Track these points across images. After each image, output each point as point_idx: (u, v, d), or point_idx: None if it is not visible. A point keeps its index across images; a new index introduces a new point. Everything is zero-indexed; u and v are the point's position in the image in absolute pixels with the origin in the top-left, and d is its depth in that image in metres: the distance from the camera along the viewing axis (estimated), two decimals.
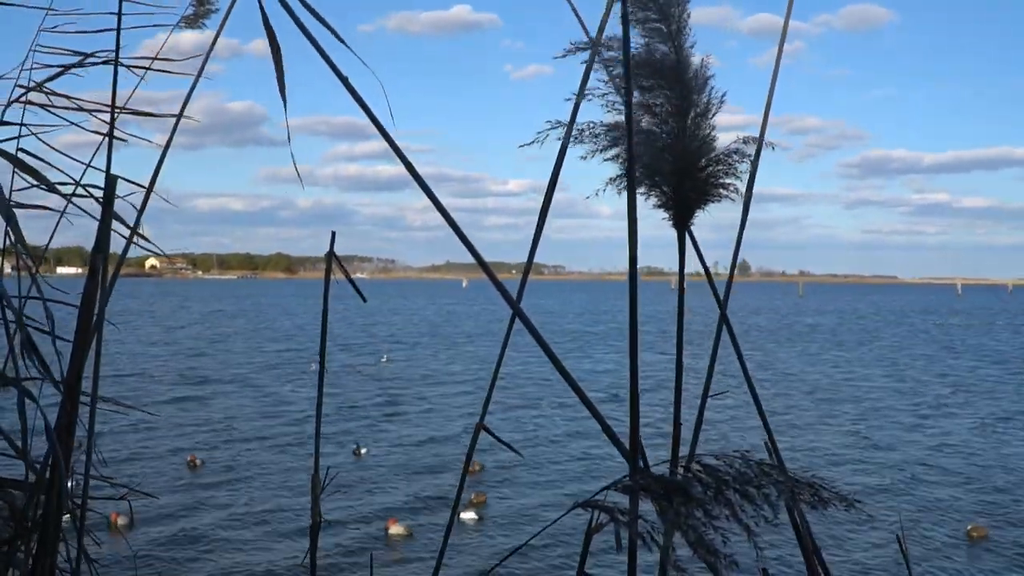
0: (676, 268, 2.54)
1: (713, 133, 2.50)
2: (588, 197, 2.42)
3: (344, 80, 1.89)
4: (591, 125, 2.49)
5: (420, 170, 1.91)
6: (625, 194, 2.16)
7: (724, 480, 1.54)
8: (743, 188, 2.56)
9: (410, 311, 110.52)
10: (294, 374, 42.39)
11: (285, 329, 71.86)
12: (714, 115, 2.50)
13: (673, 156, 2.46)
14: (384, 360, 48.48)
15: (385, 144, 1.90)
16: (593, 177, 2.51)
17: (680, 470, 1.64)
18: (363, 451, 24.85)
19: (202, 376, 41.14)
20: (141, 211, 2.41)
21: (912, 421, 31.59)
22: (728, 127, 2.56)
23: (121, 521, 16.61)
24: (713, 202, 2.53)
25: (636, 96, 2.44)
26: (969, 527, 18.28)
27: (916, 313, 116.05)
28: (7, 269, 2.18)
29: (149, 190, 2.45)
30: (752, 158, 2.58)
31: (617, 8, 2.34)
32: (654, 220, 2.52)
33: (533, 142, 2.47)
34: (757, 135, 2.62)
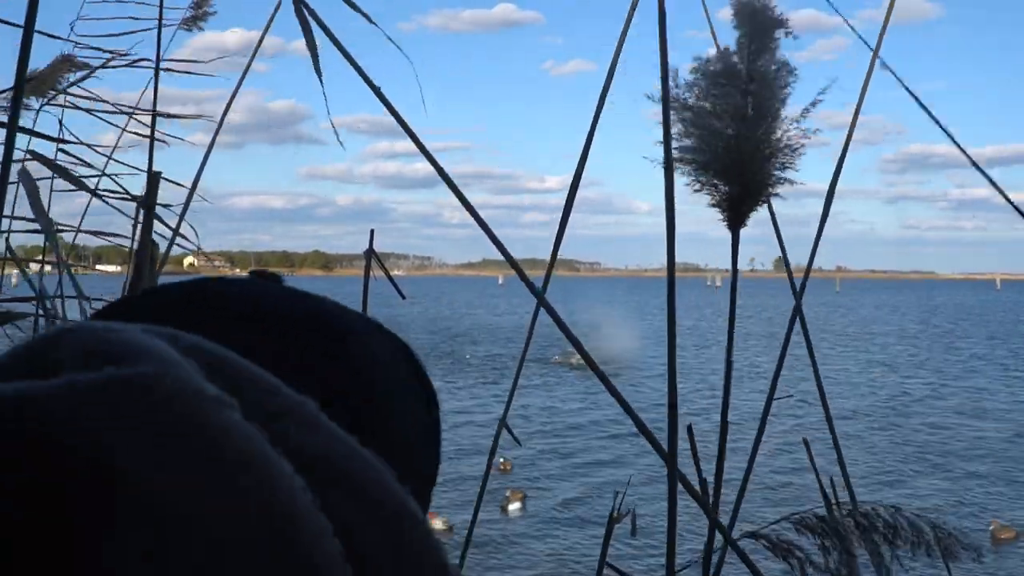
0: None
1: (776, 136, 2.49)
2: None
3: (376, 90, 1.89)
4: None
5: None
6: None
7: (875, 527, 1.64)
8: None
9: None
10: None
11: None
12: (776, 118, 2.49)
13: (733, 157, 2.45)
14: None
15: (423, 141, 1.90)
16: (631, 173, 2.51)
17: (841, 514, 1.76)
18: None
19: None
20: (184, 212, 2.41)
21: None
22: None
23: None
24: (767, 201, 2.54)
25: (703, 102, 2.48)
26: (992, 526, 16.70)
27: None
28: (47, 267, 2.19)
29: (192, 190, 2.45)
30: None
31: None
32: (690, 216, 2.52)
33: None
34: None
